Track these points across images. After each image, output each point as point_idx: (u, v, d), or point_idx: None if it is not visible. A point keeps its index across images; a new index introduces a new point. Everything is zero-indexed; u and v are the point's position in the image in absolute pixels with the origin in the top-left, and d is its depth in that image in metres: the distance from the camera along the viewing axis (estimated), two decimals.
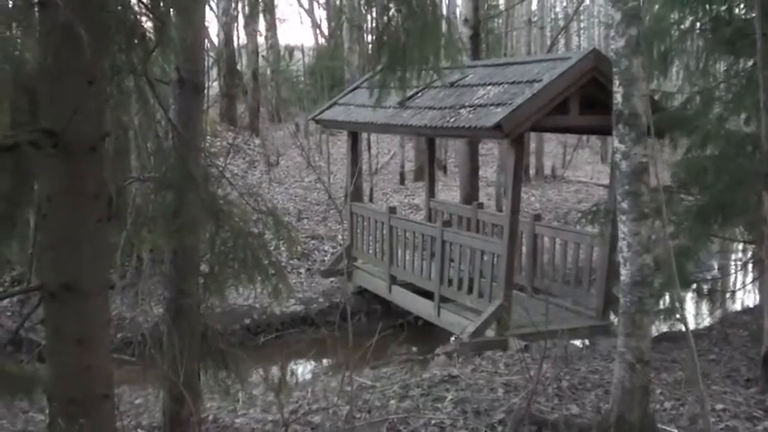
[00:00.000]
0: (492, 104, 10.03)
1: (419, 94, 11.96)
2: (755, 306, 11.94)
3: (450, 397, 7.98)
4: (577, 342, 10.84)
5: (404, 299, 12.75)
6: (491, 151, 27.95)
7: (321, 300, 14.16)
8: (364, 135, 21.86)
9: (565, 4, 40.23)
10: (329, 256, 15.99)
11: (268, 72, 32.38)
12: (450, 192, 22.18)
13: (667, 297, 9.63)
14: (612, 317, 10.93)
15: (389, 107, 12.24)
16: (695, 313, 13.37)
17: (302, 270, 15.84)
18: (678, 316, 9.34)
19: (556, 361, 9.07)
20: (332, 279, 14.82)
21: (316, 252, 16.55)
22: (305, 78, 33.18)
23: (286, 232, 5.73)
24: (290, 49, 39.92)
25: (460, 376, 8.61)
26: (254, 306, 13.82)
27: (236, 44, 29.06)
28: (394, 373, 9.79)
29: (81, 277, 3.94)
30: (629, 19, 6.34)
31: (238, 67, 29.82)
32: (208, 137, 23.65)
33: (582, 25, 45.46)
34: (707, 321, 12.29)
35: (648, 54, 8.97)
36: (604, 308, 10.81)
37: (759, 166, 8.17)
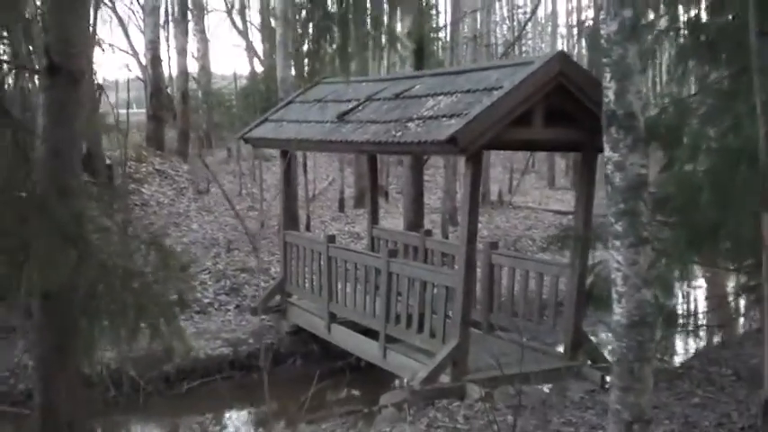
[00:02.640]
0: (444, 116, 8.74)
1: (359, 108, 10.63)
2: (737, 340, 10.78)
3: None
4: (543, 387, 9.54)
5: (345, 339, 11.33)
6: (434, 177, 26.76)
7: (251, 341, 12.64)
8: (300, 158, 20.50)
9: (510, 23, 39.37)
10: (261, 291, 14.49)
11: (199, 95, 30.84)
12: (393, 219, 20.90)
13: None
14: (582, 358, 9.67)
15: (327, 122, 10.91)
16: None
17: (231, 307, 14.34)
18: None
19: (525, 412, 7.74)
20: (264, 317, 13.34)
21: (246, 286, 15.07)
22: (237, 101, 31.63)
23: (176, 271, 4.12)
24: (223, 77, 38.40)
25: None
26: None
27: (165, 66, 27.57)
28: (335, 429, 8.41)
29: None
30: None
31: (168, 90, 28.31)
32: (132, 162, 22.15)
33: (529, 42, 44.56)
34: (680, 358, 11.09)
35: None
36: (573, 347, 9.51)
37: (758, 182, 7.01)
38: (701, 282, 16.69)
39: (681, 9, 9.22)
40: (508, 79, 8.64)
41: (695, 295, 16.30)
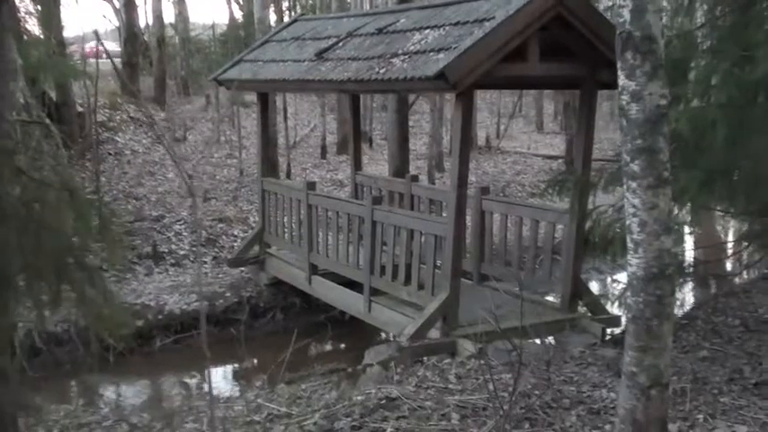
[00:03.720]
0: (432, 50, 8.00)
1: (340, 44, 9.86)
2: (741, 289, 10.20)
3: (389, 430, 5.98)
4: (541, 341, 8.95)
5: (327, 292, 10.69)
6: (419, 122, 25.99)
7: (228, 294, 11.98)
8: (280, 103, 19.72)
9: None
10: (239, 241, 13.80)
11: (176, 42, 29.82)
12: (377, 166, 20.23)
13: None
14: (581, 308, 9.08)
15: (305, 61, 10.14)
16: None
17: (207, 259, 13.66)
18: None
19: (523, 370, 7.12)
20: (242, 269, 12.67)
21: (224, 237, 14.38)
22: (215, 47, 30.64)
23: (96, 222, 3.41)
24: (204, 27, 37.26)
25: (401, 398, 6.59)
26: (147, 304, 11.60)
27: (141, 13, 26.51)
28: (316, 390, 7.76)
29: None
30: None
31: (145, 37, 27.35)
32: (106, 109, 21.29)
33: None
34: (685, 308, 10.50)
35: None
36: (571, 298, 8.90)
37: None
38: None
39: None
40: (501, 9, 7.90)
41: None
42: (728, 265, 11.76)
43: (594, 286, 13.83)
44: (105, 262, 13.15)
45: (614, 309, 9.08)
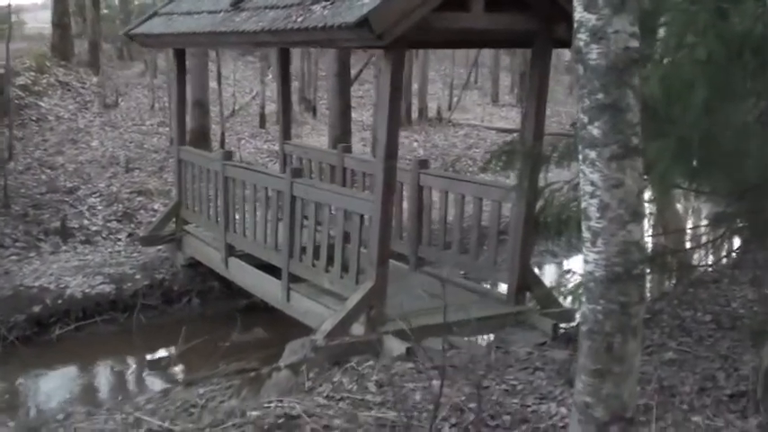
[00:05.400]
0: None
1: None
2: (712, 279, 9.07)
3: None
4: (481, 339, 7.78)
5: (244, 276, 9.42)
6: (368, 92, 24.65)
7: (139, 276, 10.64)
8: (214, 66, 18.35)
9: None
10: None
11: (116, 2, 28.24)
12: (320, 137, 18.92)
13: None
14: (529, 300, 7.90)
15: (220, 11, 8.81)
16: None
17: (122, 236, 12.29)
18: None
19: (454, 375, 5.93)
20: (159, 248, 11.33)
21: (142, 211, 13.01)
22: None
23: None
24: None
25: (302, 416, 5.35)
26: (46, 287, 10.25)
27: None
28: (214, 396, 6.57)
29: None
30: None
31: None
32: (31, 72, 19.75)
33: None
34: (646, 299, 9.32)
35: None
36: (518, 288, 7.70)
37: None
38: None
39: None
40: None
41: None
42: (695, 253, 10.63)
43: (547, 274, 12.68)
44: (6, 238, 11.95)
45: (568, 301, 7.89)
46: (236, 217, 9.39)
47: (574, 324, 7.56)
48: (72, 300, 10.15)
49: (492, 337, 7.63)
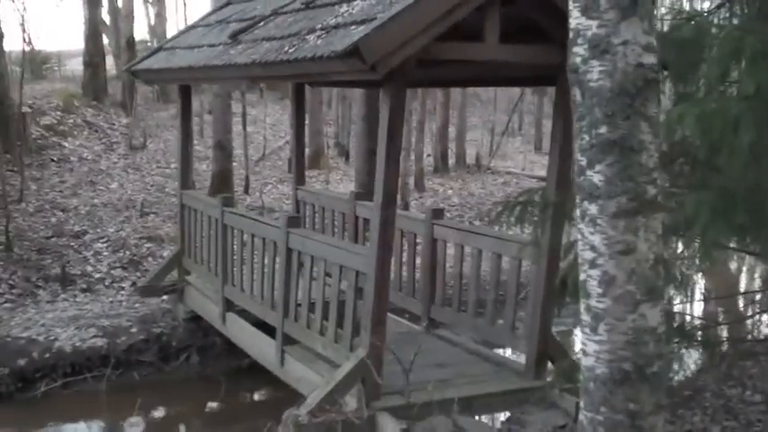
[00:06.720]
0: (354, 23, 5.88)
1: (261, 24, 7.78)
2: (765, 349, 8.00)
3: None
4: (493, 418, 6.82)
5: (241, 334, 8.56)
6: (405, 136, 23.86)
7: (135, 330, 9.81)
8: (239, 108, 17.72)
9: None
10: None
11: (154, 44, 27.91)
12: (350, 183, 18.05)
13: None
14: (551, 373, 6.93)
15: (219, 44, 8.08)
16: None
17: (126, 284, 11.53)
18: None
19: None
20: (163, 299, 10.54)
21: (150, 259, 12.24)
22: None
23: None
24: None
25: None
26: (35, 339, 9.48)
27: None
28: None
29: None
30: None
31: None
32: (58, 112, 19.34)
33: None
34: (687, 372, 8.27)
35: None
36: (538, 359, 6.74)
37: None
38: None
39: None
40: None
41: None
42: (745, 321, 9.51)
43: (575, 343, 11.57)
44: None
45: None
46: (234, 269, 8.56)
47: None
48: (60, 354, 9.35)
49: (506, 415, 6.66)
